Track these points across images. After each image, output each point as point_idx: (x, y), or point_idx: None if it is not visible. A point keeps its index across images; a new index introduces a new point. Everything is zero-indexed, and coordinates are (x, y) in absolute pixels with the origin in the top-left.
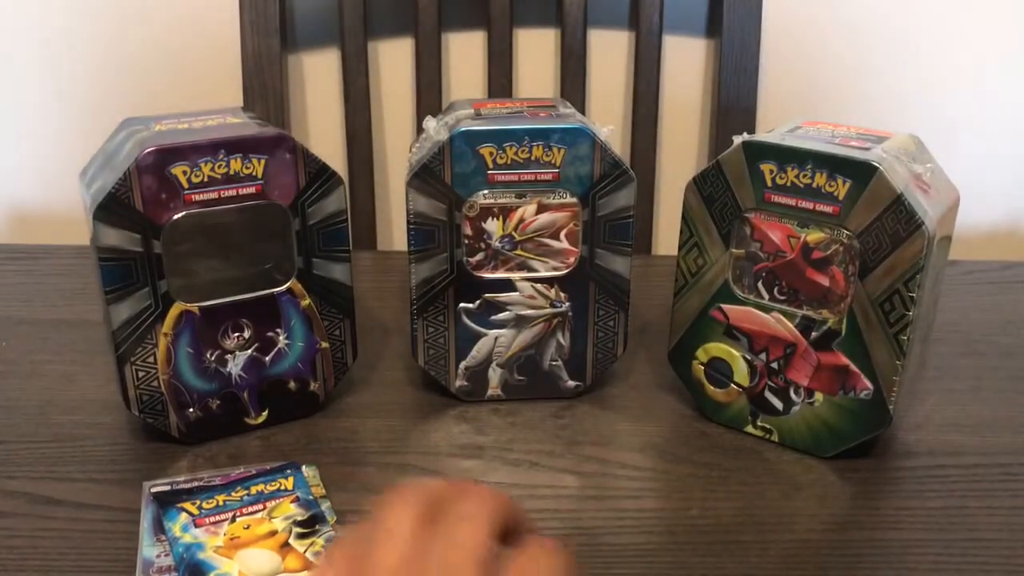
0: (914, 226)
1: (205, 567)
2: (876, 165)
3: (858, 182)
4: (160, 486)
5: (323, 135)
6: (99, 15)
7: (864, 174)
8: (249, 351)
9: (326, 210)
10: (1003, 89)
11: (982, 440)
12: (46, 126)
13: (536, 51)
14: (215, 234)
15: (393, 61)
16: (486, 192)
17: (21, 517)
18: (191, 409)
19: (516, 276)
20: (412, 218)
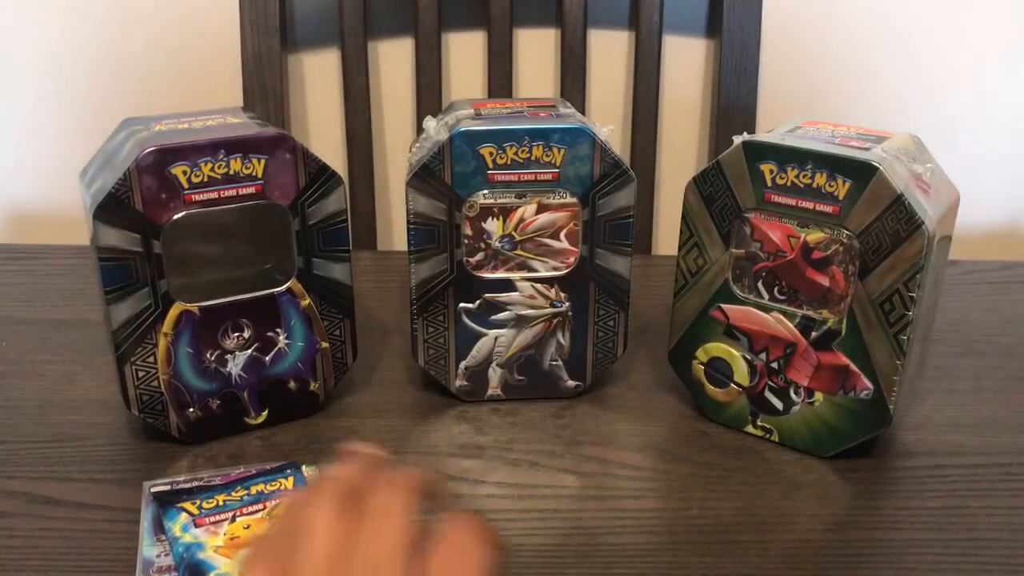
0: (914, 226)
1: (205, 567)
2: (876, 165)
3: (858, 182)
4: (160, 486)
5: (323, 135)
6: (99, 15)
7: (864, 174)
8: (249, 351)
9: (326, 210)
10: (1003, 89)
11: (982, 440)
12: (46, 126)
13: (536, 51)
14: (215, 234)
15: (393, 61)
16: (486, 192)
17: (21, 517)
18: (191, 409)
19: (516, 276)
20: (412, 218)
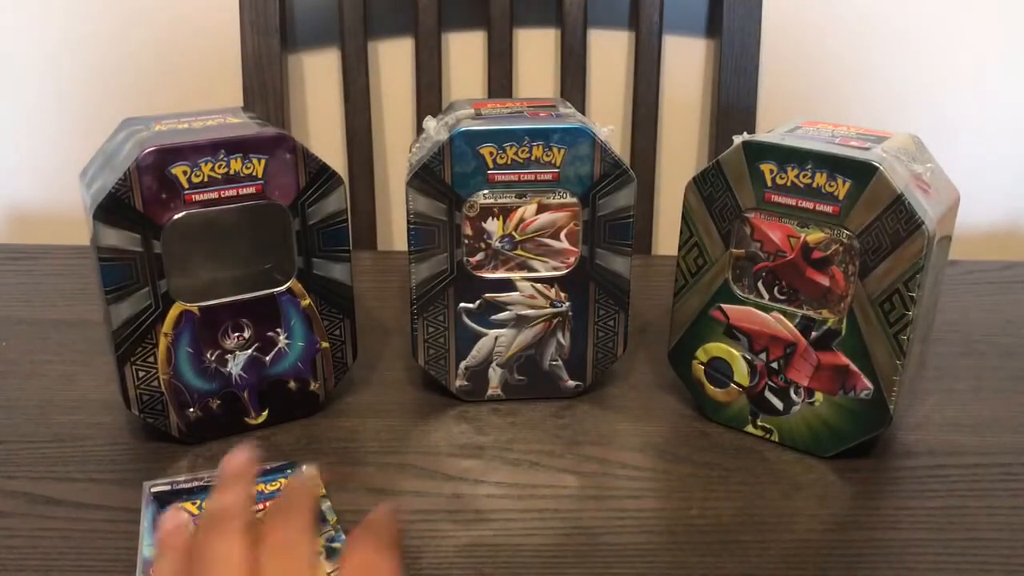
0: (914, 226)
1: None
2: (876, 165)
3: (858, 182)
4: (160, 486)
5: (323, 135)
6: (99, 15)
7: (864, 174)
8: (249, 351)
9: (326, 210)
10: (1003, 89)
11: (982, 440)
12: (46, 126)
13: (536, 51)
14: (215, 234)
15: (393, 61)
16: (486, 192)
17: (21, 517)
18: (191, 409)
19: (516, 276)
20: (412, 218)
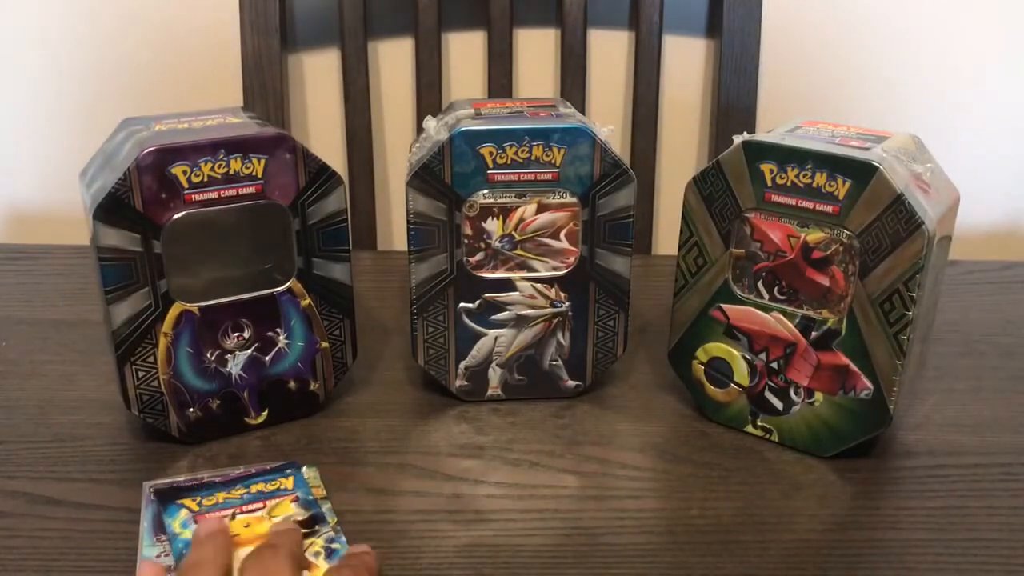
0: (914, 226)
1: None
2: (876, 165)
3: (858, 182)
4: (160, 486)
5: (323, 135)
6: (99, 15)
7: (864, 174)
8: (249, 351)
9: (326, 210)
10: (1003, 89)
11: (982, 440)
12: (46, 126)
13: (536, 51)
14: (215, 234)
15: (393, 61)
16: (486, 192)
17: (21, 517)
18: (191, 409)
19: (516, 276)
20: (412, 218)
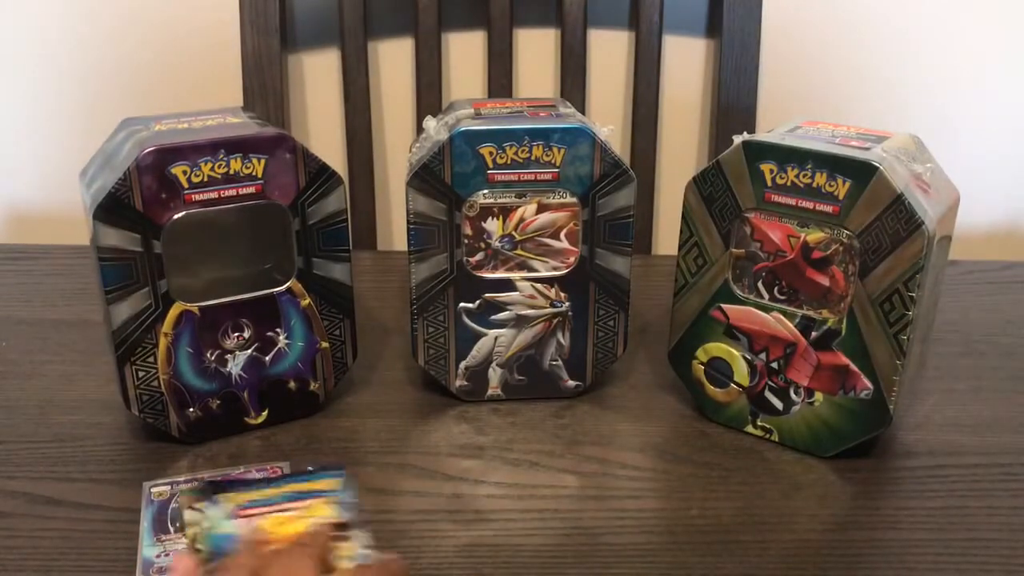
0: (914, 226)
1: None
2: (876, 165)
3: (858, 182)
4: (160, 486)
5: (323, 135)
6: (99, 15)
7: (864, 174)
8: (249, 351)
9: (326, 210)
10: (1003, 89)
11: (982, 440)
12: (46, 126)
13: (536, 51)
14: (215, 234)
15: (393, 61)
16: (486, 192)
17: (21, 517)
18: (191, 409)
19: (516, 276)
20: (412, 218)
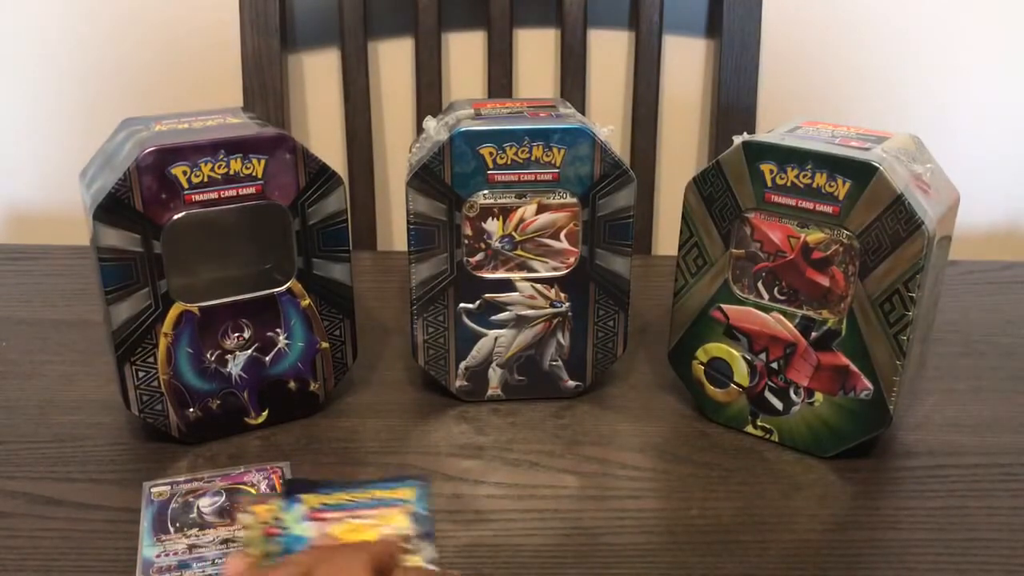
0: (914, 226)
1: None
2: (876, 165)
3: (858, 182)
4: (160, 486)
5: (323, 135)
6: (99, 15)
7: (864, 174)
8: (249, 351)
9: (326, 210)
10: (1003, 89)
11: (982, 440)
12: (46, 126)
13: (536, 51)
14: (215, 234)
15: (393, 61)
16: (486, 192)
17: (21, 517)
18: (191, 409)
19: (516, 276)
20: (412, 218)
